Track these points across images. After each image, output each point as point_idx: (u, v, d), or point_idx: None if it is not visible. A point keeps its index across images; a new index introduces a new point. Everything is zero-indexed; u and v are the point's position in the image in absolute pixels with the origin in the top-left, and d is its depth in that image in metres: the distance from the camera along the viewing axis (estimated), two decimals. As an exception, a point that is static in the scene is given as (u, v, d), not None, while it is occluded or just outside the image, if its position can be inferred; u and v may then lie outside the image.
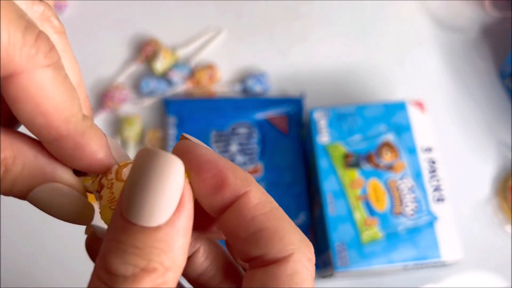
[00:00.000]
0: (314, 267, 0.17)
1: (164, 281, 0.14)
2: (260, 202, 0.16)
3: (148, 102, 0.51)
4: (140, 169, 0.14)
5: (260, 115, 0.49)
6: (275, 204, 0.17)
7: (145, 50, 0.53)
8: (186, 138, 0.17)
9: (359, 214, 0.40)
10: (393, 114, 0.44)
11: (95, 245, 0.18)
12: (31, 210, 0.19)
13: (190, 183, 0.16)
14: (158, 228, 0.14)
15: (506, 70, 0.52)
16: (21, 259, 0.46)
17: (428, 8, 0.58)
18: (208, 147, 0.17)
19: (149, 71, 0.53)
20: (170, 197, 0.14)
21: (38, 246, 0.47)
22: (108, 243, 0.14)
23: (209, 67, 0.52)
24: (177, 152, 0.16)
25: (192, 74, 0.52)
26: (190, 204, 0.15)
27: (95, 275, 0.14)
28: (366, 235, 0.40)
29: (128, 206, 0.14)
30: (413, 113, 0.44)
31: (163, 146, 0.49)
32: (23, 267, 0.46)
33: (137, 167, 0.14)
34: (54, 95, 0.14)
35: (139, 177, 0.14)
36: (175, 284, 0.15)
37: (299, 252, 0.16)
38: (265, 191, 0.17)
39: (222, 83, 0.53)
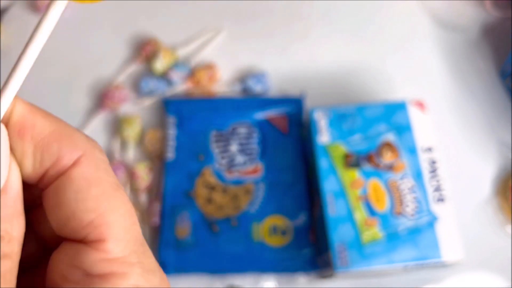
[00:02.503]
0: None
1: (11, 250, 0.13)
2: (35, 107, 0.15)
3: (147, 102, 0.51)
4: None
5: (260, 115, 0.49)
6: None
7: (144, 50, 0.53)
8: None
9: (360, 214, 0.40)
10: (394, 114, 0.44)
11: None
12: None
13: None
14: None
15: (506, 70, 0.52)
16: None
17: (429, 8, 0.58)
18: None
19: (149, 71, 0.53)
20: None
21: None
22: None
23: (209, 67, 0.52)
24: None
25: (192, 74, 0.52)
26: (16, 164, 0.14)
27: None
28: (366, 236, 0.40)
29: None
30: (413, 113, 0.44)
31: (163, 146, 0.49)
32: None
33: None
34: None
35: None
36: (19, 255, 0.14)
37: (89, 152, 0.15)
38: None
39: (222, 83, 0.53)
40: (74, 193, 0.14)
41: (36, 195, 0.16)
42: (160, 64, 0.51)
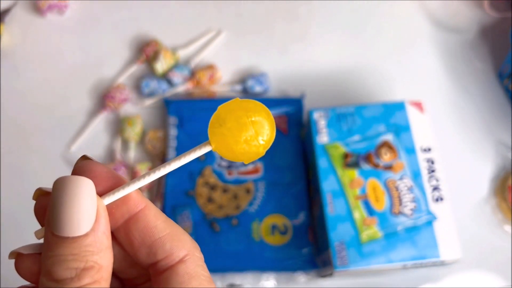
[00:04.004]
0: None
1: (100, 276, 0.17)
2: (157, 212, 0.19)
3: (148, 102, 0.52)
4: (59, 193, 0.17)
5: (260, 115, 0.49)
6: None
7: (145, 50, 0.53)
8: (87, 158, 0.19)
9: (359, 214, 0.41)
10: (392, 114, 0.44)
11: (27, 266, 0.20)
12: (30, 211, 0.19)
13: None
14: (86, 235, 0.17)
15: (505, 71, 0.52)
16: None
17: (427, 9, 0.58)
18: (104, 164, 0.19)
19: (150, 72, 0.53)
20: (89, 208, 0.17)
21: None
22: (49, 260, 0.17)
23: (209, 67, 0.52)
24: (80, 170, 0.18)
25: (192, 75, 0.52)
26: (105, 212, 0.18)
27: None
28: (365, 235, 0.40)
29: (58, 225, 0.17)
30: (412, 113, 0.44)
31: (164, 146, 0.49)
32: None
33: (57, 192, 0.17)
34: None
35: (60, 200, 0.17)
36: (108, 281, 0.17)
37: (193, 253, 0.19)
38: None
39: (222, 83, 0.53)
40: (179, 284, 0.18)
41: (143, 274, 0.21)
42: (161, 65, 0.52)
